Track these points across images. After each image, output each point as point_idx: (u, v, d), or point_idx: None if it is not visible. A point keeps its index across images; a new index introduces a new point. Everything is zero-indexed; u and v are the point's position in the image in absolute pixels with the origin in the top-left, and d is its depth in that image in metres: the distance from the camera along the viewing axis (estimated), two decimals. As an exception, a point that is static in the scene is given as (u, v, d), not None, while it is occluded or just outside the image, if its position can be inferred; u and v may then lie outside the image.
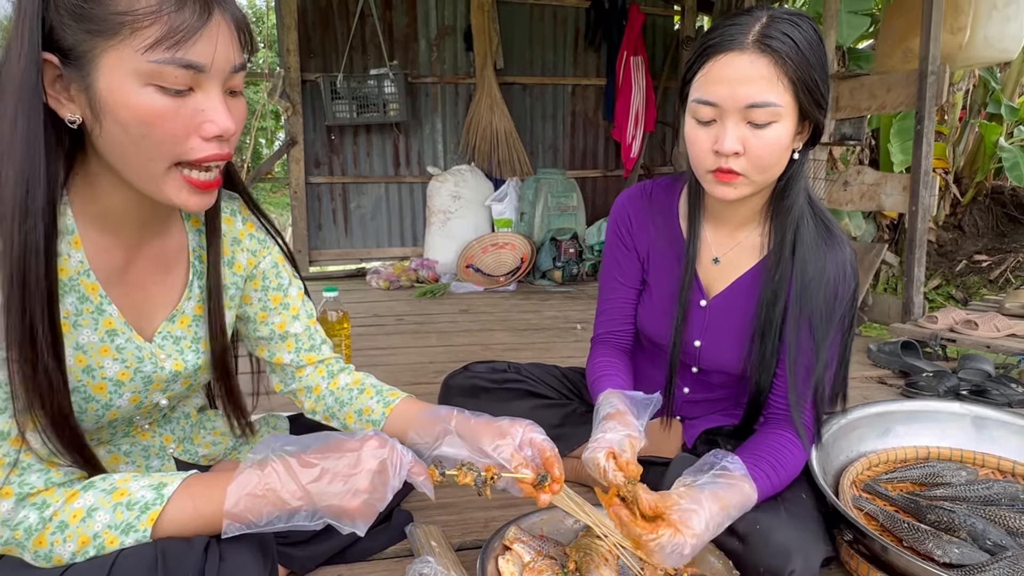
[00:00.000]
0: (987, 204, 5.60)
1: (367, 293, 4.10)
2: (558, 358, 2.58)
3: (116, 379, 0.85)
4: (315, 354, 1.07)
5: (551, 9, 5.10)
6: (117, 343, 0.84)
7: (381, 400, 1.04)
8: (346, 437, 0.79)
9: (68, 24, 0.67)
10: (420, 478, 0.81)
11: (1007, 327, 2.52)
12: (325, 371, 1.09)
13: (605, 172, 5.47)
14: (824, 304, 1.09)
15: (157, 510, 0.73)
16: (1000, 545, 1.01)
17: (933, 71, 2.78)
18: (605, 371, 1.24)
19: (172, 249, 0.91)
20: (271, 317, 1.03)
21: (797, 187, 1.11)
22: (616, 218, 1.32)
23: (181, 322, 0.92)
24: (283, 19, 4.45)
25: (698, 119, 1.04)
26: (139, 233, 0.86)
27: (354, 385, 1.08)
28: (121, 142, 0.71)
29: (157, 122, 0.70)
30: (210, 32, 0.70)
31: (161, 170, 0.74)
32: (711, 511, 0.91)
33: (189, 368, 0.93)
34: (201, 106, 0.72)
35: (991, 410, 1.29)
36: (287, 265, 1.05)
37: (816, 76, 1.00)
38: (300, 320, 1.05)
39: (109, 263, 0.83)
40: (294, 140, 4.62)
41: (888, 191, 3.08)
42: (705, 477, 0.97)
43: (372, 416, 1.03)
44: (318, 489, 0.74)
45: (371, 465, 0.75)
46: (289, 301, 1.04)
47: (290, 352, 1.05)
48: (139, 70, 0.68)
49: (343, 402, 1.06)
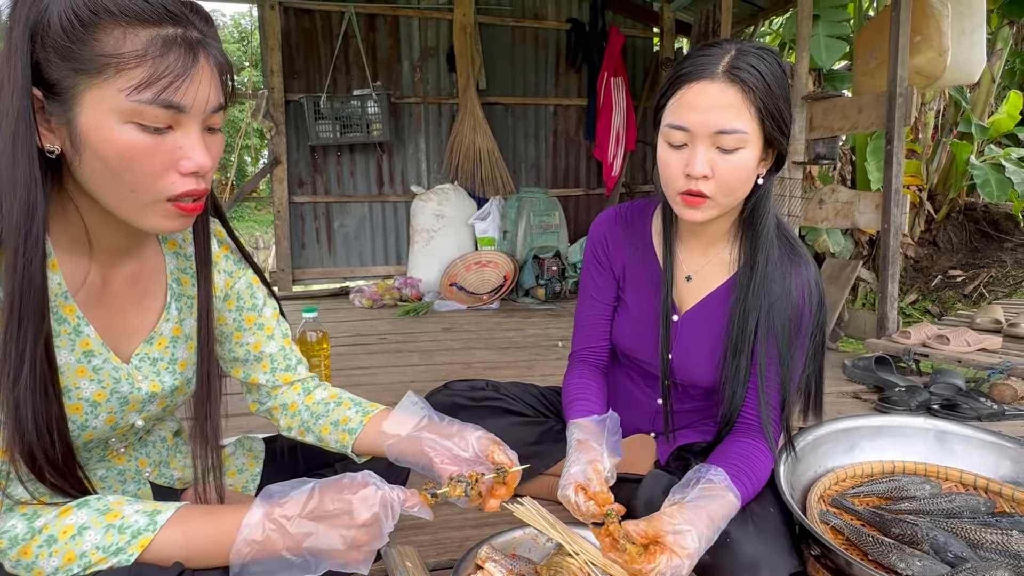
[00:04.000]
0: (961, 220, 5.72)
1: (350, 312, 4.10)
2: (539, 376, 2.60)
3: (92, 400, 0.85)
4: (291, 374, 1.08)
5: (532, 31, 5.19)
6: (94, 364, 0.85)
7: (360, 410, 1.05)
8: (336, 486, 0.78)
9: (54, 61, 0.69)
10: (415, 509, 0.82)
11: (977, 342, 2.58)
12: (301, 388, 1.10)
13: (587, 191, 5.54)
14: (788, 320, 1.14)
15: (149, 537, 0.73)
16: (960, 557, 1.04)
17: (901, 93, 2.86)
18: (576, 395, 1.27)
19: (149, 271, 0.92)
20: (245, 337, 1.05)
21: (764, 208, 1.15)
22: (593, 239, 1.37)
23: (159, 343, 0.93)
24: (267, 40, 4.49)
25: (670, 143, 1.09)
26: (114, 256, 0.87)
27: (331, 399, 1.09)
28: (100, 174, 0.73)
29: (136, 158, 0.72)
30: (194, 76, 0.72)
31: (146, 201, 0.75)
32: (701, 527, 0.94)
33: (166, 389, 0.93)
34: (180, 143, 0.74)
35: (953, 425, 1.32)
36: (261, 286, 1.07)
37: (780, 105, 1.06)
38: (275, 340, 1.06)
39: (87, 286, 0.84)
40: (277, 160, 4.63)
41: (862, 209, 3.15)
42: (692, 492, 1.00)
43: (349, 425, 1.03)
44: (316, 548, 0.75)
45: (364, 518, 0.76)
46: (264, 321, 1.05)
47: (265, 372, 1.06)
48: (120, 108, 0.70)
49: (318, 415, 1.07)
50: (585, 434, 1.10)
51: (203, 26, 0.75)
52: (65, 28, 0.67)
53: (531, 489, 1.48)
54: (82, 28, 0.68)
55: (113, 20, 0.68)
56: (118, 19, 0.68)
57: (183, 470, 1.08)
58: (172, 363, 0.94)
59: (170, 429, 1.09)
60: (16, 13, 0.68)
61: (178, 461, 1.08)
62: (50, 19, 0.68)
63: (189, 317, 0.97)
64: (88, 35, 0.68)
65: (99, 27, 0.68)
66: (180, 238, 0.97)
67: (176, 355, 0.95)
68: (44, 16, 0.68)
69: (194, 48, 0.72)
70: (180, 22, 0.72)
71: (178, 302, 0.95)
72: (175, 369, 0.95)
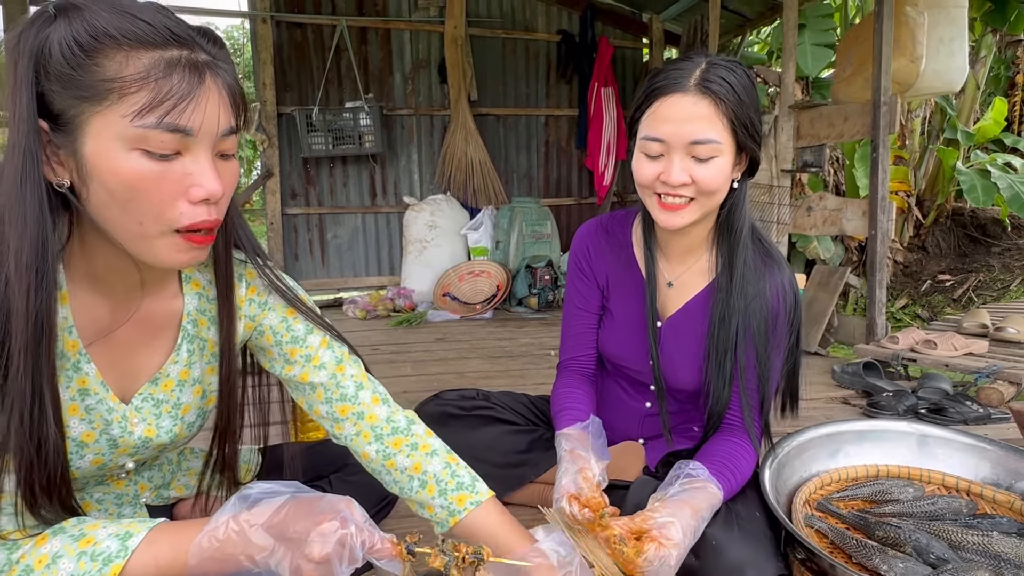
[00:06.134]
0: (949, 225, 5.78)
1: (344, 323, 4.11)
2: (531, 385, 2.61)
3: (80, 440, 0.83)
4: (348, 404, 1.00)
5: (523, 43, 5.24)
6: (87, 403, 0.83)
7: (445, 507, 0.97)
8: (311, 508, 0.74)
9: (57, 90, 0.67)
10: (381, 561, 0.75)
11: (964, 346, 2.61)
12: (372, 435, 1.00)
13: (579, 200, 5.57)
14: (764, 322, 1.18)
15: (120, 564, 0.72)
16: (942, 559, 1.06)
17: (886, 101, 2.90)
18: (564, 404, 1.30)
19: (164, 311, 0.89)
20: (294, 370, 0.99)
21: (740, 213, 1.19)
22: (576, 251, 1.40)
23: (164, 385, 0.90)
24: (259, 53, 4.52)
25: (647, 154, 1.13)
26: (130, 294, 0.84)
27: (414, 472, 0.99)
28: (108, 205, 0.71)
29: (143, 186, 0.70)
30: (200, 97, 0.70)
31: (153, 233, 0.73)
32: (684, 518, 0.97)
33: (163, 435, 0.90)
34: (188, 169, 0.72)
35: (935, 428, 1.34)
36: (299, 316, 0.99)
37: (750, 114, 1.10)
38: (325, 368, 0.99)
39: (94, 322, 0.82)
40: (270, 172, 4.65)
41: (849, 216, 3.19)
42: (674, 488, 1.04)
43: (436, 518, 0.97)
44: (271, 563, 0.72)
45: (314, 554, 0.70)
46: (310, 352, 0.99)
47: (323, 403, 1.00)
48: (125, 135, 0.68)
49: (403, 490, 1.00)
50: (571, 443, 1.12)
51: (212, 48, 0.73)
52: (66, 55, 0.66)
53: (522, 496, 1.49)
54: (83, 54, 0.66)
55: (115, 44, 0.67)
56: (120, 43, 0.67)
57: (181, 490, 1.07)
58: (176, 407, 0.91)
59: (177, 450, 1.07)
60: (20, 45, 0.67)
61: (178, 480, 1.07)
62: (51, 47, 0.66)
63: (199, 360, 0.93)
64: (89, 61, 0.67)
65: (100, 52, 0.67)
66: (206, 280, 0.93)
67: (181, 399, 0.92)
68: (45, 45, 0.67)
69: (200, 69, 0.70)
70: (186, 44, 0.70)
71: (190, 344, 0.92)
72: (177, 413, 0.92)
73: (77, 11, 0.67)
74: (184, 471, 1.09)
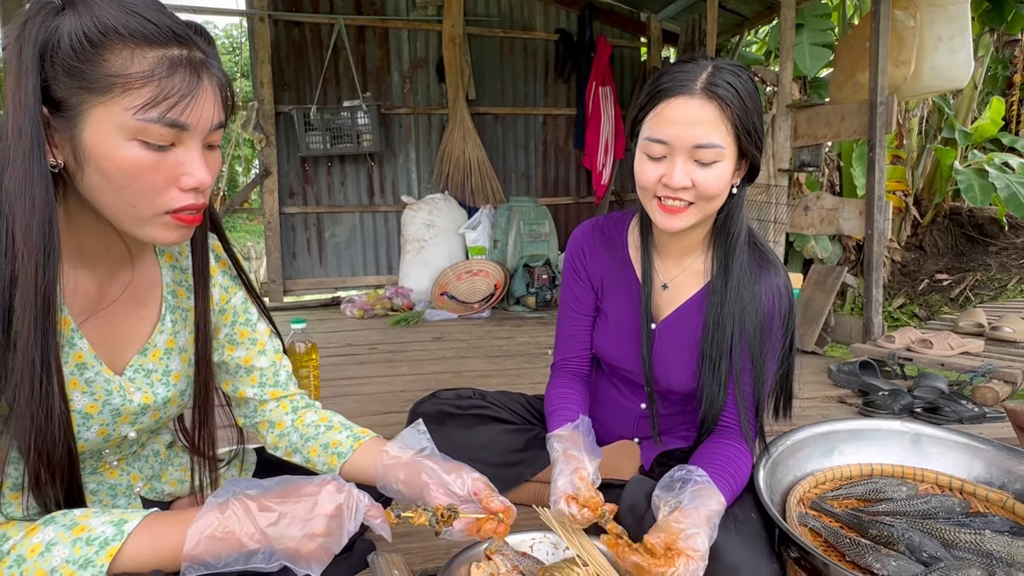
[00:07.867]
0: (946, 225, 5.79)
1: (341, 322, 4.11)
2: (528, 384, 2.62)
3: (84, 412, 0.86)
4: (279, 390, 1.09)
5: (521, 42, 5.24)
6: (86, 376, 0.86)
7: (350, 435, 1.06)
8: (304, 481, 0.81)
9: (62, 80, 0.71)
10: (376, 520, 0.84)
11: (960, 345, 2.62)
12: (289, 406, 1.11)
13: (577, 199, 5.58)
14: (759, 325, 1.18)
15: (116, 546, 0.73)
16: (935, 557, 1.06)
17: (882, 101, 2.91)
18: (557, 405, 1.30)
19: (145, 283, 0.94)
20: (237, 351, 1.06)
21: (737, 217, 1.19)
22: (571, 252, 1.40)
23: (153, 355, 0.94)
24: (257, 52, 4.51)
25: (649, 155, 1.12)
26: (111, 267, 0.88)
27: (321, 422, 1.09)
28: (102, 189, 0.75)
29: (138, 174, 0.74)
30: (198, 95, 0.75)
31: (146, 215, 0.78)
32: (706, 529, 0.97)
33: (159, 401, 0.94)
34: (181, 160, 0.76)
35: (929, 428, 1.35)
36: (253, 301, 1.08)
37: (754, 120, 1.10)
38: (266, 355, 1.08)
39: (83, 297, 0.85)
40: (268, 171, 4.65)
41: (846, 215, 3.20)
42: (686, 495, 1.03)
43: (339, 449, 1.04)
44: (275, 533, 0.76)
45: (327, 509, 0.77)
46: (257, 336, 1.07)
47: (254, 387, 1.08)
48: (126, 126, 0.72)
49: (307, 437, 1.08)
50: (564, 444, 1.12)
51: (206, 46, 0.77)
52: (75, 48, 0.70)
53: (518, 496, 1.49)
54: (91, 48, 0.70)
55: (121, 41, 0.71)
56: (126, 40, 0.71)
57: (174, 484, 1.09)
58: (166, 375, 0.95)
59: (164, 442, 1.10)
60: (26, 34, 0.70)
61: (170, 474, 1.09)
62: (60, 39, 0.70)
63: (183, 330, 0.98)
64: (97, 55, 0.70)
65: (108, 47, 0.70)
66: (176, 251, 0.99)
67: (170, 367, 0.96)
68: (54, 36, 0.70)
69: (198, 69, 0.75)
70: (185, 43, 0.74)
71: (173, 314, 0.96)
72: (168, 381, 0.96)
73: (85, 5, 0.71)
74: (176, 466, 1.10)
